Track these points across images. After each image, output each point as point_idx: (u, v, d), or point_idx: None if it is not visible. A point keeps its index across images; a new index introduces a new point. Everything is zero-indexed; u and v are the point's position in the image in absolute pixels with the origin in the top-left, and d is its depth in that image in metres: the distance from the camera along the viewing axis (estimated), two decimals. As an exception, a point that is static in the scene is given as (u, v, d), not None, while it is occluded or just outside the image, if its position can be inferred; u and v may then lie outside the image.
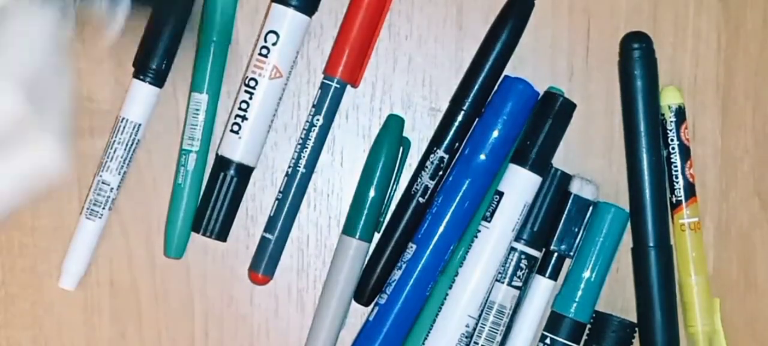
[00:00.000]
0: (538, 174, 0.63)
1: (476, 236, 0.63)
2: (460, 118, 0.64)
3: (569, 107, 0.64)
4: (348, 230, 0.65)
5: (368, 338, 0.64)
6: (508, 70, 0.64)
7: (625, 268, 0.65)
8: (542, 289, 0.64)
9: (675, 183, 0.64)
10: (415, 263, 0.63)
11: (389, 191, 0.65)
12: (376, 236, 0.65)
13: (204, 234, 0.64)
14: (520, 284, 0.64)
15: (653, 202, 0.64)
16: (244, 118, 0.64)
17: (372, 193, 0.64)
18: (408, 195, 0.65)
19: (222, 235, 0.65)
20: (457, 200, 0.63)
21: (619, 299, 0.66)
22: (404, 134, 0.65)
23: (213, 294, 0.66)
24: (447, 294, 0.63)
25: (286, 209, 0.65)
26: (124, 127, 0.64)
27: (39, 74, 0.57)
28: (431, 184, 0.64)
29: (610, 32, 0.65)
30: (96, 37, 0.63)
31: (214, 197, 0.64)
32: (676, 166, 0.64)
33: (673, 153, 0.64)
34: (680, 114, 0.64)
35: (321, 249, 0.66)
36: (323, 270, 0.66)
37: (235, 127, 0.64)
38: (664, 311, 0.64)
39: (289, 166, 0.65)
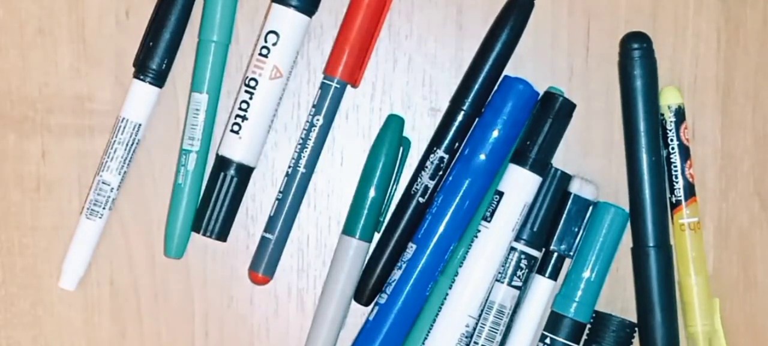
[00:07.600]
0: (538, 174, 0.63)
1: (476, 236, 0.63)
2: (460, 118, 0.64)
3: (569, 107, 0.64)
4: (348, 230, 0.65)
5: (368, 338, 0.64)
6: (508, 70, 0.64)
7: (625, 268, 0.65)
8: (542, 289, 0.64)
9: (675, 183, 0.64)
10: (415, 262, 0.63)
11: (389, 191, 0.65)
12: (376, 236, 0.65)
13: (204, 234, 0.64)
14: (520, 284, 0.64)
15: (653, 202, 0.64)
16: (244, 118, 0.64)
17: (372, 193, 0.64)
18: (408, 195, 0.65)
19: (222, 235, 0.65)
20: (457, 199, 0.63)
21: (619, 299, 0.66)
22: (404, 134, 0.65)
23: (213, 294, 0.66)
24: (447, 294, 0.63)
25: (286, 209, 0.65)
26: (124, 127, 0.64)
27: None
28: (431, 184, 0.64)
29: (610, 32, 0.65)
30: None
31: (214, 197, 0.64)
32: (675, 167, 0.64)
33: (673, 153, 0.64)
34: (680, 114, 0.64)
35: (321, 249, 0.66)
36: (323, 270, 0.66)
37: (235, 127, 0.64)
38: (664, 311, 0.64)
39: (289, 166, 0.65)
